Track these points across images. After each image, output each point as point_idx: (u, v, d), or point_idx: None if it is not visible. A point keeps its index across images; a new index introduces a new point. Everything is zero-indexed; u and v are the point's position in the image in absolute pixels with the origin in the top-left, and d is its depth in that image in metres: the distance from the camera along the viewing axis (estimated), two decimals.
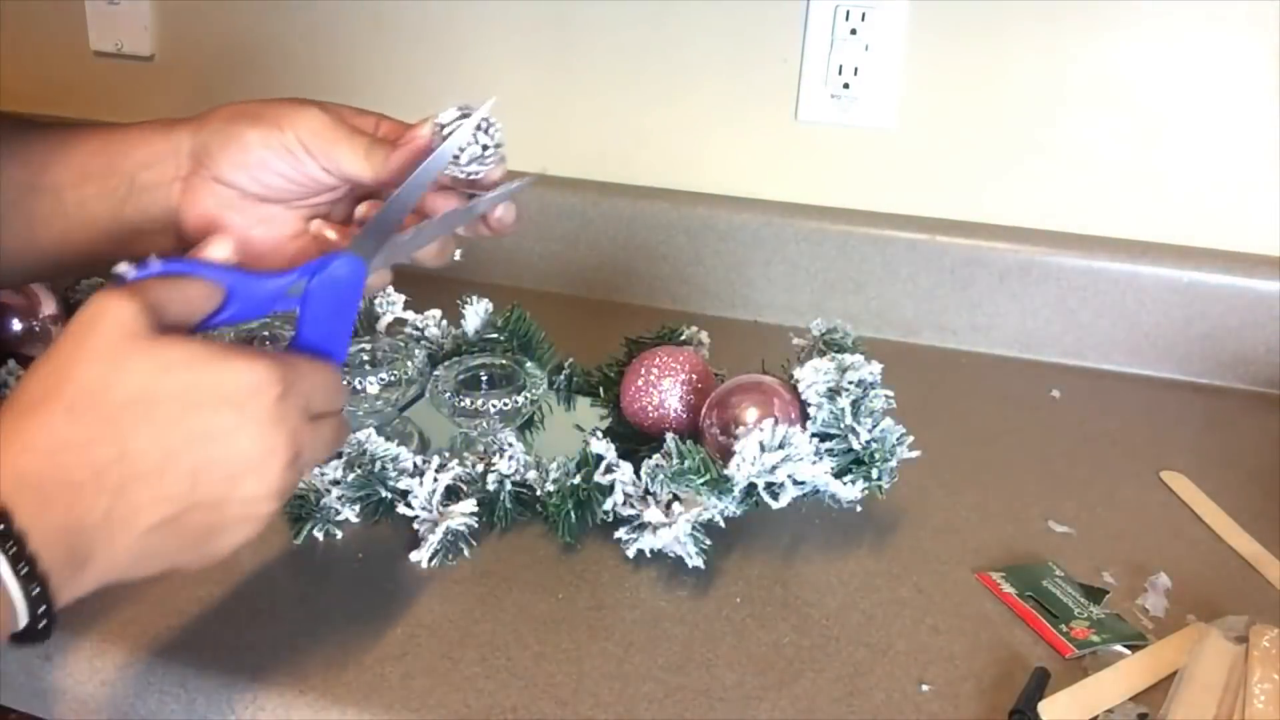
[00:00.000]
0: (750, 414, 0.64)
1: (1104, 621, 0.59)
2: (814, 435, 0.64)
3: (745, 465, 0.61)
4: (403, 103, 1.09)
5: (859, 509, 0.67)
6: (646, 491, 0.64)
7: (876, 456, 0.64)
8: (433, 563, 0.62)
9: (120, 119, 1.21)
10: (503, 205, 0.57)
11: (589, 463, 0.65)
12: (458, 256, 0.59)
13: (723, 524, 0.64)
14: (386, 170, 0.52)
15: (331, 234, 0.55)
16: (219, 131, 0.53)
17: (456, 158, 0.53)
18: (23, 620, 0.39)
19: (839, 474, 0.64)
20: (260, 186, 0.54)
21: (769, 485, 0.62)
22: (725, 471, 0.62)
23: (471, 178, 0.54)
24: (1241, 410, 0.88)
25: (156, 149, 0.54)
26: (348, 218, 0.58)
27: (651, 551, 0.62)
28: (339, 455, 0.65)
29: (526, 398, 0.72)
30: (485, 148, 0.53)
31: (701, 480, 0.61)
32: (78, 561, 0.40)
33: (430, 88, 1.07)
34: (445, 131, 0.52)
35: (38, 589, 0.38)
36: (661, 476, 0.62)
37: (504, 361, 0.76)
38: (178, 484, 0.41)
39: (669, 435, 0.64)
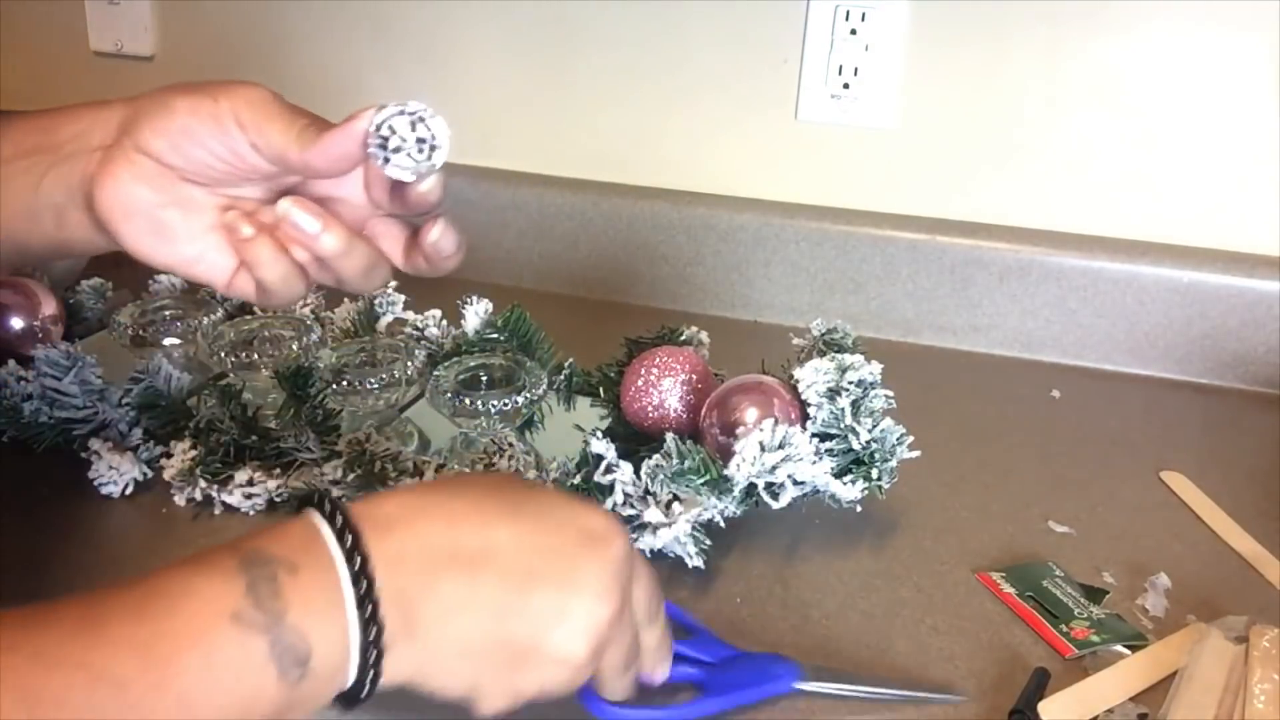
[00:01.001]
0: (750, 414, 0.64)
1: (1104, 621, 0.59)
2: (814, 435, 0.64)
3: (745, 465, 0.61)
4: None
5: (859, 509, 0.67)
6: (646, 491, 0.63)
7: (876, 456, 0.64)
8: None
9: None
10: (439, 228, 0.52)
11: (589, 463, 0.65)
12: (390, 288, 0.57)
13: (723, 524, 0.64)
14: (316, 150, 0.48)
15: (247, 229, 0.50)
16: (150, 100, 0.50)
17: (384, 143, 0.48)
18: (353, 673, 0.38)
19: (839, 474, 0.64)
20: (180, 158, 0.49)
21: (769, 485, 0.62)
22: (725, 471, 0.62)
23: (403, 178, 0.50)
24: (1241, 410, 0.88)
25: (88, 121, 0.52)
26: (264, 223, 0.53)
27: (651, 551, 0.62)
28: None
29: (526, 398, 0.72)
30: (421, 141, 0.49)
31: (701, 480, 0.61)
32: (409, 630, 0.40)
33: (430, 88, 1.07)
34: (379, 119, 0.48)
35: (375, 653, 0.38)
36: (661, 476, 0.62)
37: (504, 361, 0.76)
38: (515, 580, 0.42)
39: (669, 435, 0.64)
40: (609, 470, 0.64)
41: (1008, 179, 0.95)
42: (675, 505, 0.62)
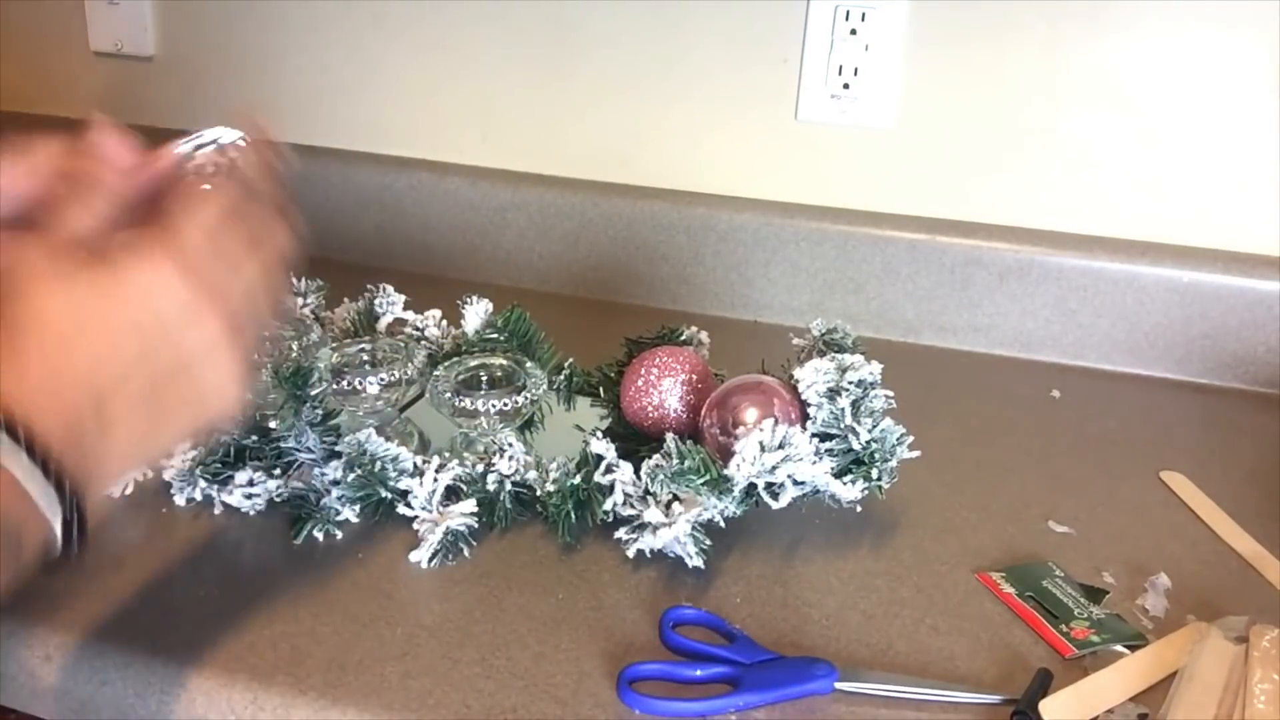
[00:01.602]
0: (750, 414, 0.64)
1: (1104, 621, 0.59)
2: (814, 435, 0.64)
3: (745, 465, 0.61)
4: (403, 103, 1.09)
5: (859, 509, 0.67)
6: (646, 491, 0.64)
7: (876, 456, 0.63)
8: (433, 563, 0.62)
9: (120, 119, 1.21)
10: None
11: (589, 463, 0.65)
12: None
13: (723, 524, 0.64)
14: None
15: None
16: None
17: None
18: (57, 526, 0.39)
19: (839, 474, 0.64)
20: None
21: (769, 485, 0.62)
22: (725, 471, 0.62)
23: None
24: (1241, 410, 0.88)
25: None
26: None
27: (651, 551, 0.62)
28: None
29: (526, 398, 0.72)
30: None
31: (701, 480, 0.61)
32: (85, 465, 0.40)
33: (430, 88, 1.07)
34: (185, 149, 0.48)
35: (75, 505, 0.39)
36: (661, 476, 0.62)
37: (504, 361, 0.76)
38: (129, 360, 0.42)
39: (669, 435, 0.64)
40: (609, 470, 0.64)
41: (1008, 179, 0.95)
42: (675, 505, 0.62)
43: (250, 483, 0.67)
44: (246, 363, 0.45)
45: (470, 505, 0.64)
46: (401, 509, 0.65)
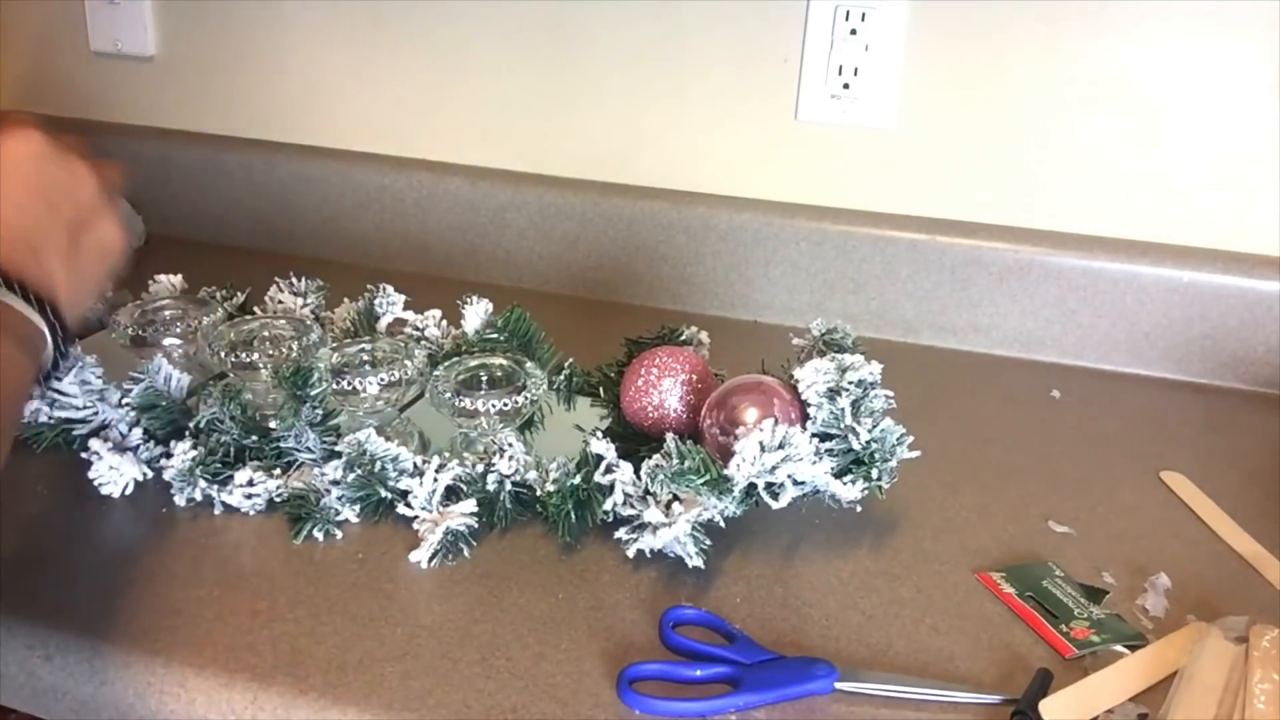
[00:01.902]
0: (750, 414, 0.64)
1: (1104, 621, 0.59)
2: (814, 435, 0.64)
3: (745, 465, 0.61)
4: (402, 103, 1.09)
5: (859, 509, 0.67)
6: (646, 491, 0.64)
7: (876, 456, 0.64)
8: (433, 563, 0.62)
9: (120, 119, 1.21)
10: None
11: (589, 463, 0.65)
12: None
13: (723, 524, 0.64)
14: None
15: None
16: None
17: None
18: (50, 342, 0.52)
19: (839, 474, 0.64)
20: None
21: (769, 485, 0.62)
22: (725, 471, 0.62)
23: None
24: (1241, 410, 0.88)
25: None
26: None
27: (651, 551, 0.62)
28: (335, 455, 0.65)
29: (526, 398, 0.72)
30: None
31: (701, 480, 0.61)
32: (51, 287, 0.52)
33: (429, 88, 1.07)
34: None
35: (55, 315, 0.52)
36: (661, 476, 0.62)
37: (504, 361, 0.76)
38: (44, 218, 0.55)
39: (669, 435, 0.64)
40: (609, 470, 0.64)
41: (1008, 179, 0.95)
42: (675, 505, 0.62)
43: (250, 483, 0.67)
44: (122, 220, 0.60)
45: (470, 505, 0.64)
46: (401, 509, 0.65)
